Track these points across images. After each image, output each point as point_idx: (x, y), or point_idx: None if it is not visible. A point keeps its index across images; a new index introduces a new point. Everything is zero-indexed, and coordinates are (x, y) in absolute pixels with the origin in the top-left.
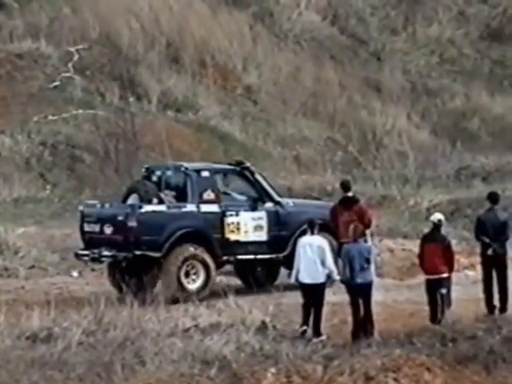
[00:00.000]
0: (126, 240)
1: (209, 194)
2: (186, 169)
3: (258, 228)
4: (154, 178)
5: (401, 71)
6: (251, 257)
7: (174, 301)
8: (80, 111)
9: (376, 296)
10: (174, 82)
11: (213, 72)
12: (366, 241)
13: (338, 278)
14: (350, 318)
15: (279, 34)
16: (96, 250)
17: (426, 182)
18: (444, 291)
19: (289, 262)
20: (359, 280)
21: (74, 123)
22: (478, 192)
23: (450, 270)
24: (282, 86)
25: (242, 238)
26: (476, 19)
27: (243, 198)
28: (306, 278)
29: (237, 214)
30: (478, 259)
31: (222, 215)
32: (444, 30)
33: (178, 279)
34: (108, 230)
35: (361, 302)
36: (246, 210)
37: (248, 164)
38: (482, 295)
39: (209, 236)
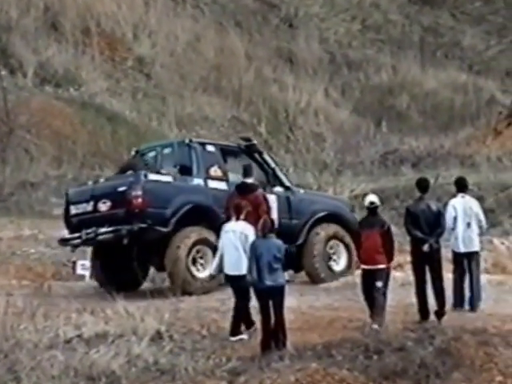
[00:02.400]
0: (129, 212)
1: (215, 171)
2: (191, 141)
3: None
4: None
5: (317, 40)
6: None
7: (183, 292)
8: None
9: (289, 301)
10: (53, 53)
11: (98, 41)
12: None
13: None
14: (258, 327)
15: None
16: (90, 230)
17: (347, 169)
18: (380, 284)
19: (298, 256)
20: (268, 282)
21: None
22: (406, 180)
23: (389, 260)
24: (180, 57)
25: None
26: None
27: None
28: (230, 269)
29: None
30: (406, 258)
31: None
32: None
33: (186, 266)
34: (104, 206)
35: (271, 307)
36: None
37: (255, 141)
38: (412, 299)
39: (217, 215)
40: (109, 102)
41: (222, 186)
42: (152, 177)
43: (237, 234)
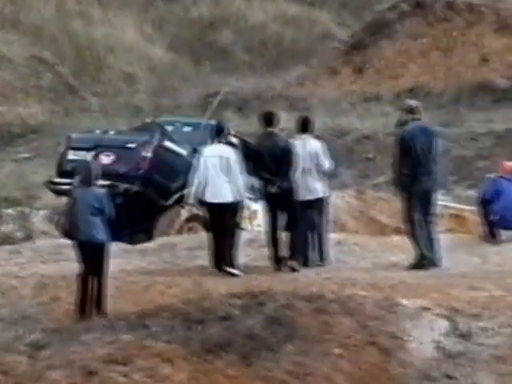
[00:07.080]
0: (131, 172)
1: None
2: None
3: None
4: None
5: None
6: None
7: None
8: None
9: None
10: None
11: None
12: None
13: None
14: (63, 294)
15: None
16: None
17: (163, 113)
18: None
19: None
20: (82, 237)
21: None
22: (231, 126)
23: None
24: None
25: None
26: None
27: None
28: (212, 197)
29: (256, 202)
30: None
31: None
32: None
33: None
34: (107, 159)
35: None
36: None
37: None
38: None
39: None
40: None
41: None
42: (168, 143)
43: (216, 158)
